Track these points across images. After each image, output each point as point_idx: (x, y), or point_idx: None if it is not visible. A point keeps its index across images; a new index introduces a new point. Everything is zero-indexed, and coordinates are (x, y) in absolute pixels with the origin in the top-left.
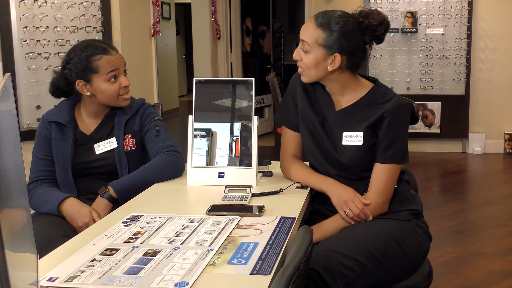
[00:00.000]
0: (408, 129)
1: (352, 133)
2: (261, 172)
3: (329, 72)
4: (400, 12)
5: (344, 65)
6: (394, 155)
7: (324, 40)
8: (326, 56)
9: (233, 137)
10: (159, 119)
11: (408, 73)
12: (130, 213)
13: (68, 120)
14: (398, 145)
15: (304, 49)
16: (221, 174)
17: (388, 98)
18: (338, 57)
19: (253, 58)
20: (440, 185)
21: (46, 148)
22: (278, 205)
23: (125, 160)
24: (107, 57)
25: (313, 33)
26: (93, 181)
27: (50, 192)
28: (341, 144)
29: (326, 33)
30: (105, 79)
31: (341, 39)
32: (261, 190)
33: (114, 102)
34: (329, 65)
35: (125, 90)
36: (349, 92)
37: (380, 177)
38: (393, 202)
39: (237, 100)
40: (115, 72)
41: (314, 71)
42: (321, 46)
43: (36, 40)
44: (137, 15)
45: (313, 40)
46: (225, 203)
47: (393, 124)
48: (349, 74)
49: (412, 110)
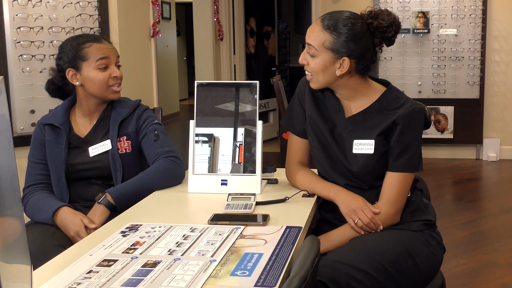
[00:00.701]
0: (421, 136)
1: (363, 140)
2: (265, 180)
3: (337, 77)
4: (411, 12)
5: (353, 69)
6: (407, 163)
7: (331, 43)
8: (334, 60)
9: (237, 142)
10: (158, 123)
11: (420, 75)
12: (129, 222)
13: (62, 122)
14: (411, 152)
15: (311, 53)
16: (223, 181)
17: (401, 103)
18: (346, 61)
19: (257, 60)
20: (453, 193)
21: (41, 152)
22: (283, 214)
23: (120, 163)
24: (97, 44)
25: (320, 36)
26: (87, 186)
27: (45, 199)
28: (352, 153)
29: (334, 36)
30: (95, 67)
31: (349, 42)
32: (265, 198)
33: (104, 93)
34: (337, 69)
35: (115, 81)
36: (360, 97)
37: (392, 186)
38: (405, 212)
39: (240, 104)
40: (105, 61)
41: (322, 76)
42: (328, 50)
43: (30, 41)
44: (136, 15)
45: (319, 44)
46: (228, 212)
47: (406, 131)
48: (359, 78)
49: (424, 114)
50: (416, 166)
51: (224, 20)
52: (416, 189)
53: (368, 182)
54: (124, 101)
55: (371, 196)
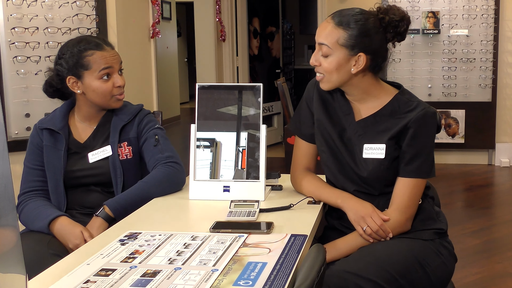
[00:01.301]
0: (434, 140)
1: (373, 145)
2: (269, 186)
3: (352, 75)
4: (420, 11)
5: (367, 67)
6: (419, 168)
7: (345, 39)
8: (349, 57)
9: (240, 147)
10: (159, 128)
11: (430, 78)
12: (128, 230)
13: (61, 126)
14: (423, 157)
15: (323, 53)
16: (226, 188)
17: (413, 106)
18: (362, 57)
19: (261, 62)
20: (464, 200)
21: (38, 158)
22: (288, 222)
23: (120, 170)
24: (100, 53)
25: (333, 33)
26: (86, 193)
27: (42, 207)
28: (362, 157)
29: (348, 32)
30: (97, 77)
31: (364, 37)
32: (269, 205)
33: (106, 102)
34: (353, 66)
35: (119, 90)
36: (371, 99)
37: (403, 192)
38: (416, 220)
39: (243, 107)
40: (108, 70)
41: (336, 75)
42: (343, 47)
43: (25, 42)
44: (135, 15)
45: (333, 42)
46: (230, 219)
47: (418, 135)
48: (371, 78)
49: None
50: (428, 172)
51: (226, 20)
52: (428, 196)
53: (379, 188)
54: (125, 106)
55: (381, 202)
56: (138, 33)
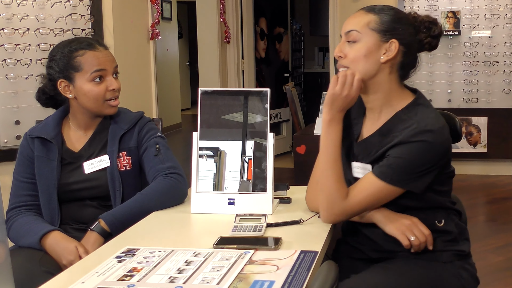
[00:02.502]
0: (423, 158)
1: (361, 164)
2: (277, 199)
3: (380, 67)
4: (440, 11)
5: (398, 62)
6: (386, 172)
7: (378, 23)
8: (380, 43)
9: (245, 157)
10: (160, 136)
11: (450, 82)
12: (125, 246)
13: (54, 135)
14: (399, 164)
15: (351, 39)
16: (231, 201)
17: (408, 124)
18: (395, 44)
19: (268, 65)
20: (487, 214)
21: (29, 169)
22: (297, 237)
23: (119, 182)
24: (92, 52)
25: (364, 18)
26: (81, 207)
27: (33, 223)
28: (352, 176)
29: (380, 16)
30: (89, 79)
31: (398, 23)
32: (278, 219)
33: (99, 108)
34: (383, 55)
35: (113, 94)
36: (386, 109)
37: (360, 184)
38: (437, 241)
39: (249, 114)
40: (101, 72)
41: (363, 64)
42: (374, 31)
43: (15, 44)
44: (133, 15)
45: (363, 25)
46: (235, 234)
47: (402, 146)
48: (397, 80)
49: (454, 126)
50: (398, 180)
51: (231, 20)
52: (452, 214)
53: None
54: (125, 113)
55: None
56: (136, 35)
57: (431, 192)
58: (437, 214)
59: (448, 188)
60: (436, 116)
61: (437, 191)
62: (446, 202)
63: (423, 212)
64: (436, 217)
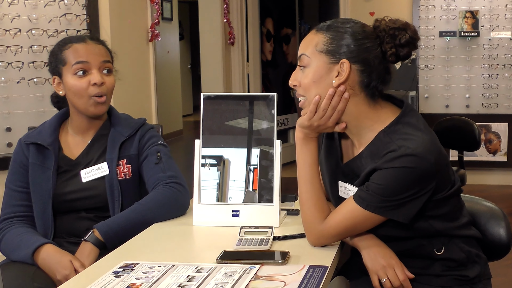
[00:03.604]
0: (409, 188)
1: (347, 185)
2: (285, 210)
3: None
4: (457, 11)
5: (357, 83)
6: (364, 197)
7: (325, 43)
8: (329, 65)
9: (251, 166)
10: (162, 144)
11: (468, 87)
12: (123, 260)
13: (50, 141)
14: (376, 190)
15: (303, 65)
16: (235, 212)
17: (391, 149)
18: (346, 64)
19: (275, 69)
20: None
21: (22, 178)
22: (306, 251)
23: (118, 191)
24: (78, 45)
25: (312, 40)
26: (77, 219)
27: (25, 235)
28: (338, 194)
29: (328, 36)
30: (72, 72)
31: (349, 39)
32: (285, 232)
33: (85, 105)
34: (335, 78)
35: (97, 90)
36: (365, 133)
37: (340, 208)
38: (435, 265)
39: (255, 120)
40: (83, 65)
41: (315, 91)
42: (322, 53)
43: (5, 46)
44: (131, 15)
45: (311, 48)
46: (240, 248)
47: (382, 174)
48: (364, 101)
49: (473, 133)
50: (374, 207)
51: (235, 21)
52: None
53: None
54: (125, 119)
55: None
56: (135, 36)
57: (423, 219)
58: (433, 242)
59: (449, 209)
60: (422, 135)
61: (431, 216)
62: (447, 226)
63: (415, 241)
64: (434, 245)
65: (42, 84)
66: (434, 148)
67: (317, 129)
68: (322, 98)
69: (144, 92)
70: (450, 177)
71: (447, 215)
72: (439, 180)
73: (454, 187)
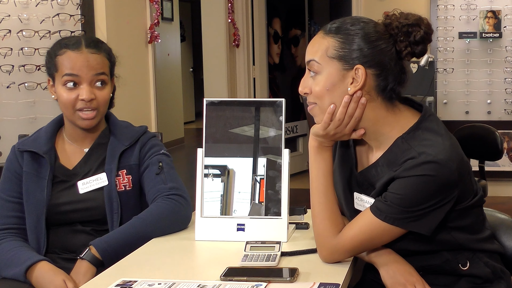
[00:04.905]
0: (431, 197)
1: (364, 196)
2: (293, 224)
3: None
4: (478, 11)
5: (373, 87)
6: (382, 208)
7: (336, 48)
8: (343, 72)
9: (257, 177)
10: (164, 154)
11: (489, 92)
12: (120, 278)
13: (46, 149)
14: (394, 201)
15: (313, 71)
16: (240, 226)
17: (410, 156)
18: (361, 70)
19: (283, 72)
20: None
21: (15, 187)
22: (316, 268)
23: (118, 203)
24: (72, 53)
25: (321, 44)
26: (72, 233)
27: (18, 250)
28: (354, 207)
29: (339, 39)
30: (61, 82)
31: (361, 43)
32: (293, 247)
33: (72, 117)
34: (350, 85)
35: (82, 105)
36: (382, 138)
37: (356, 220)
38: (461, 281)
39: (261, 127)
40: (73, 78)
41: (329, 99)
42: (333, 59)
43: None
44: (129, 15)
45: (322, 54)
46: (245, 264)
47: (400, 180)
48: (382, 105)
49: (494, 141)
50: (393, 219)
51: (240, 21)
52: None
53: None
54: (126, 127)
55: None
56: (133, 37)
57: (446, 231)
58: (459, 256)
59: (472, 220)
60: (443, 141)
61: (454, 228)
62: (470, 239)
63: (438, 256)
64: (459, 260)
65: (34, 89)
66: (456, 155)
67: (333, 137)
68: (337, 106)
69: (142, 98)
70: (472, 186)
71: (470, 227)
72: (461, 188)
73: (477, 196)
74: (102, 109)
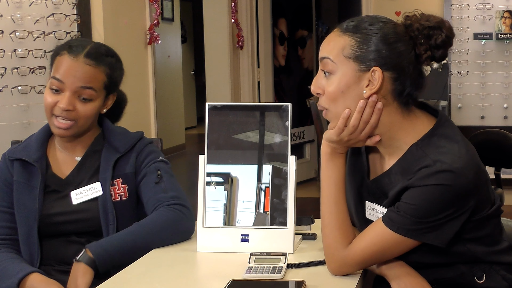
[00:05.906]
0: (446, 208)
1: (374, 205)
2: (300, 235)
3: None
4: (494, 11)
5: (389, 92)
6: (394, 218)
7: (353, 47)
8: (359, 73)
9: (262, 185)
10: (162, 161)
11: (505, 96)
12: None
13: (37, 158)
14: (408, 212)
15: (327, 70)
16: (244, 237)
17: (425, 164)
18: (378, 73)
19: (289, 75)
20: None
21: (6, 197)
22: (324, 281)
23: (113, 214)
24: (67, 57)
25: (337, 42)
26: (66, 244)
27: (10, 262)
28: (366, 217)
29: (356, 39)
30: (49, 84)
31: (380, 44)
32: (300, 259)
33: (49, 121)
34: (366, 87)
35: (60, 113)
36: (397, 144)
37: (368, 231)
38: None
39: (267, 133)
40: (57, 83)
41: (343, 103)
42: (350, 59)
43: None
44: (127, 15)
45: (337, 52)
46: (250, 277)
47: (414, 190)
48: (397, 111)
49: (511, 148)
50: (406, 230)
51: (244, 21)
52: (501, 270)
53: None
54: (121, 133)
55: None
56: (132, 38)
57: (461, 243)
58: (475, 268)
59: (489, 231)
60: (459, 149)
61: (470, 240)
62: (487, 251)
63: (453, 269)
64: (475, 273)
65: (27, 92)
66: (472, 163)
67: (347, 143)
68: (352, 111)
69: (141, 102)
70: (490, 195)
71: (487, 238)
72: (478, 198)
73: (494, 206)
74: (82, 123)
